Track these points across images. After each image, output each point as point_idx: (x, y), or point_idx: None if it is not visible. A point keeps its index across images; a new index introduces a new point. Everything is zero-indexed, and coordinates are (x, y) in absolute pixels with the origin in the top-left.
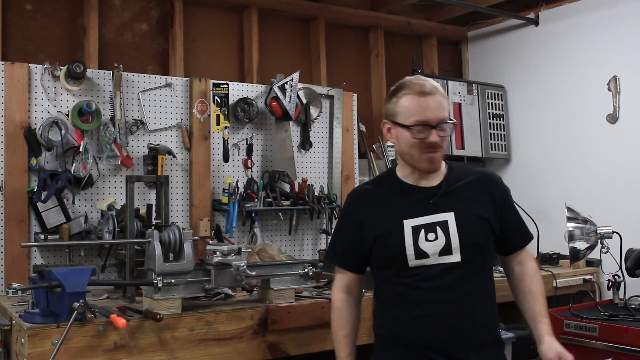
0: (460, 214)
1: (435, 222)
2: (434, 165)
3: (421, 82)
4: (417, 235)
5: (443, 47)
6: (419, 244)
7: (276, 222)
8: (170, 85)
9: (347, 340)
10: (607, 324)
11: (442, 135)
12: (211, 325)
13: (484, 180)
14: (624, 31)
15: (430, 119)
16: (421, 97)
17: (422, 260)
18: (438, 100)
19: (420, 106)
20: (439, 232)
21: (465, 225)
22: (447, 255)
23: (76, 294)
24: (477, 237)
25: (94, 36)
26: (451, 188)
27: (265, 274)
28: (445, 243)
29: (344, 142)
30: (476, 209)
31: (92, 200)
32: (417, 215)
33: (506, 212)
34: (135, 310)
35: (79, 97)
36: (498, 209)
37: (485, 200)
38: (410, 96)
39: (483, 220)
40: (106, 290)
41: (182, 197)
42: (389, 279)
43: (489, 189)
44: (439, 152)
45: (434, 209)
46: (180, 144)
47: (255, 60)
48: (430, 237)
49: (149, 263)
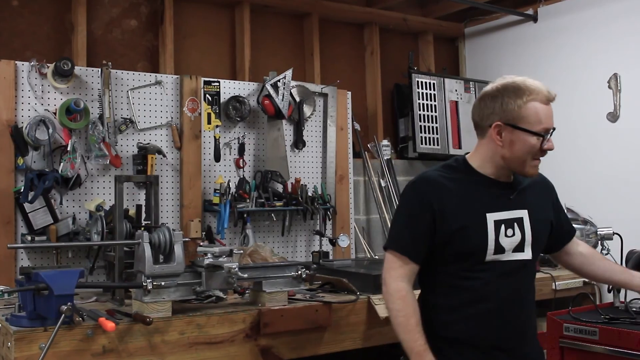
0: (533, 212)
1: (514, 217)
2: (537, 172)
3: (545, 88)
4: (499, 230)
5: (439, 43)
6: (499, 239)
7: (269, 223)
8: (160, 83)
9: (420, 328)
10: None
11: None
12: (202, 329)
13: (544, 183)
14: (625, 27)
15: (552, 127)
16: (548, 105)
17: (498, 255)
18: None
19: (548, 114)
20: (516, 228)
21: (537, 224)
22: (519, 252)
23: (64, 296)
24: (544, 236)
25: (82, 33)
26: (522, 186)
27: (257, 276)
28: (520, 239)
29: (338, 141)
30: (544, 209)
31: (80, 201)
32: (499, 210)
33: (560, 213)
34: (125, 314)
35: (67, 95)
36: (555, 209)
37: (547, 202)
38: (540, 102)
39: (547, 220)
40: (95, 292)
41: (172, 197)
42: (459, 273)
43: (548, 192)
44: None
45: (513, 205)
46: (171, 143)
47: (247, 58)
48: (509, 232)
49: (138, 265)
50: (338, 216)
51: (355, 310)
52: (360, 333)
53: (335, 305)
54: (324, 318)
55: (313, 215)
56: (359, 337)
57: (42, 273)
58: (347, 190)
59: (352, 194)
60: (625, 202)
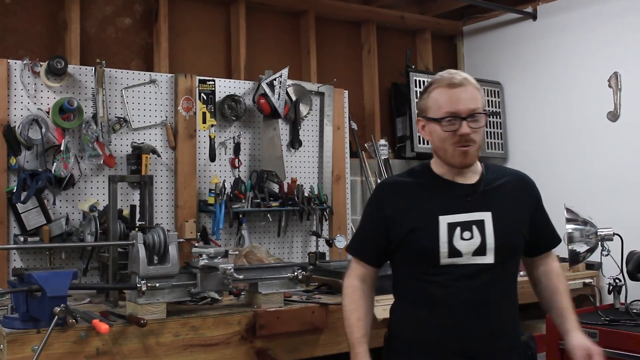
0: (497, 214)
1: (471, 220)
2: (467, 160)
3: (452, 74)
4: (453, 233)
5: (437, 42)
6: (453, 241)
7: (264, 223)
8: (155, 81)
9: (360, 323)
10: (607, 329)
11: (474, 126)
12: (197, 331)
13: (520, 182)
14: (626, 25)
15: (459, 111)
16: (451, 89)
17: (454, 259)
18: (469, 91)
19: (450, 98)
20: (475, 231)
21: (502, 227)
22: (480, 256)
23: (57, 298)
24: (512, 240)
25: (76, 31)
26: (489, 187)
27: (253, 277)
28: (480, 243)
29: (335, 140)
30: (513, 211)
31: (74, 201)
32: (453, 212)
33: (539, 216)
34: (119, 315)
35: (60, 94)
36: (531, 212)
37: (520, 203)
38: (440, 89)
39: (518, 223)
40: (88, 294)
41: (166, 197)
42: (416, 276)
43: (524, 191)
44: (472, 146)
45: (471, 207)
46: (165, 142)
47: (242, 56)
48: (466, 235)
49: (132, 266)
50: (335, 217)
51: None
52: None
53: (331, 307)
54: (321, 320)
55: (309, 216)
56: None
57: (35, 274)
58: (344, 190)
59: (349, 194)
60: (626, 202)
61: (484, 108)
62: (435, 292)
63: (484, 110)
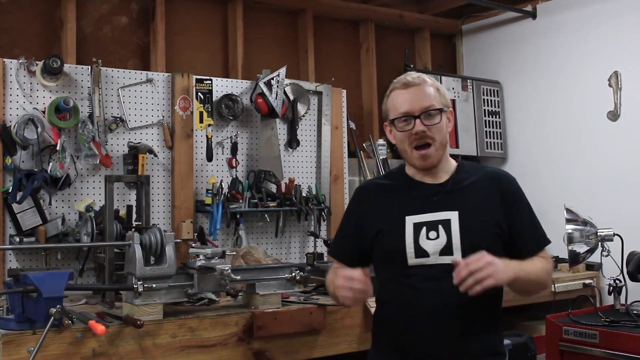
0: (464, 213)
1: (437, 220)
2: (427, 162)
3: (407, 75)
4: (419, 233)
5: (436, 41)
6: (419, 241)
7: (262, 224)
8: (151, 80)
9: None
10: (608, 330)
11: (429, 123)
12: (194, 332)
13: (493, 179)
14: (626, 24)
15: (412, 109)
16: (405, 89)
17: (422, 259)
18: (422, 90)
19: (404, 98)
20: (441, 230)
21: (469, 226)
22: (447, 256)
23: (53, 299)
24: (481, 240)
25: (72, 30)
26: (458, 186)
27: (250, 278)
28: (447, 242)
29: (333, 140)
30: (482, 209)
31: (70, 201)
32: (419, 212)
33: (516, 214)
34: (115, 316)
35: (56, 93)
36: (507, 209)
37: (492, 201)
38: (396, 91)
39: (489, 222)
40: (84, 295)
41: (163, 197)
42: (388, 277)
43: (497, 188)
44: (431, 145)
45: (438, 206)
46: (162, 142)
47: (240, 55)
48: (432, 235)
49: (129, 267)
50: (333, 217)
51: (350, 313)
52: (356, 336)
53: (329, 308)
54: (319, 321)
55: (307, 216)
56: (354, 340)
57: (31, 275)
58: (342, 190)
59: (347, 194)
60: (626, 202)
61: (446, 106)
62: (405, 294)
63: (441, 108)
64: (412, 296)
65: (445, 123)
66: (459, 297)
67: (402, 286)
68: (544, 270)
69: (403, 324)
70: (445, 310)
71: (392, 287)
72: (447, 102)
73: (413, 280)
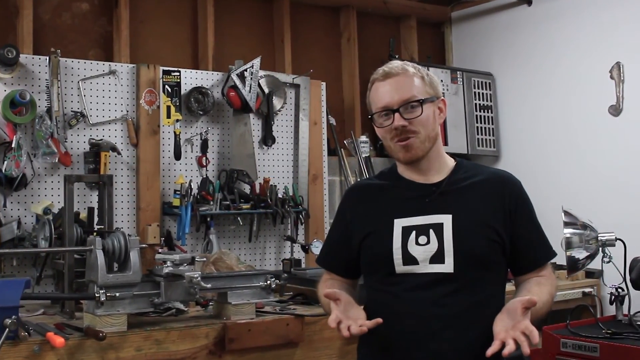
0: (459, 217)
1: (428, 224)
2: (411, 154)
3: (389, 65)
4: (407, 238)
5: (423, 29)
6: (408, 247)
7: (234, 227)
8: (115, 72)
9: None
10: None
11: (409, 117)
12: (161, 345)
13: (495, 181)
14: (629, 11)
15: (391, 102)
16: (384, 81)
17: (410, 266)
18: (402, 81)
19: (383, 91)
20: (432, 235)
21: (463, 231)
22: (438, 264)
23: (8, 309)
24: (475, 247)
25: (28, 17)
26: (454, 187)
27: (222, 286)
28: (437, 249)
29: (311, 137)
30: (479, 214)
31: (26, 203)
32: (409, 215)
33: (520, 221)
34: (75, 328)
35: (11, 86)
36: (508, 216)
37: (492, 205)
38: (376, 83)
39: (486, 228)
40: (42, 305)
41: (127, 199)
42: (374, 286)
43: (499, 191)
44: (413, 137)
45: (430, 209)
46: (126, 139)
47: (210, 45)
48: (422, 240)
49: (90, 274)
50: (311, 220)
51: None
52: (336, 349)
53: (308, 319)
54: (296, 333)
55: (283, 219)
56: (335, 353)
57: None
58: (322, 191)
59: (327, 195)
60: (629, 204)
61: (434, 95)
62: (391, 304)
63: (423, 99)
64: (399, 306)
65: (433, 115)
66: (448, 309)
67: (387, 295)
68: (551, 296)
69: (391, 337)
70: (433, 322)
71: (377, 297)
72: (435, 92)
73: (397, 289)
